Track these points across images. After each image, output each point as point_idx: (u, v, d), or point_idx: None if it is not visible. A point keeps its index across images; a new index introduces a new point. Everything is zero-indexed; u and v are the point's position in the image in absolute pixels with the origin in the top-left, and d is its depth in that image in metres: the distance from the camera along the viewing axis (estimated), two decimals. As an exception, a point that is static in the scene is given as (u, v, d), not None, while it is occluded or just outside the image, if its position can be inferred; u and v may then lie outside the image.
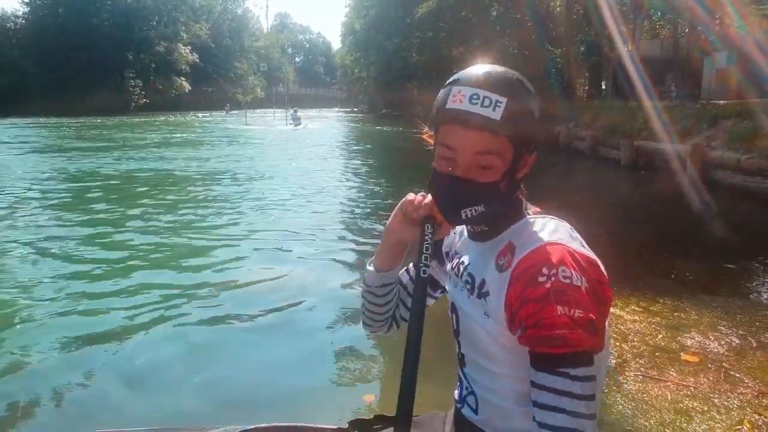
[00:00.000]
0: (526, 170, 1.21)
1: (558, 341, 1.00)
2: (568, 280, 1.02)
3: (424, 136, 1.29)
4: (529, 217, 1.20)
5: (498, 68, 1.16)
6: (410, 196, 1.38)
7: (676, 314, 4.33)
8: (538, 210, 1.23)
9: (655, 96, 17.07)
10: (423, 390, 3.66)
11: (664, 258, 6.20)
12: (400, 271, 1.52)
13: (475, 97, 1.10)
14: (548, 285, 1.02)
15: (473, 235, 1.28)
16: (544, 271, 1.03)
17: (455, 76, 1.17)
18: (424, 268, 1.26)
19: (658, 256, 6.25)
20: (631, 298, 4.67)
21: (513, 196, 1.22)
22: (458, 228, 1.39)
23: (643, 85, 17.33)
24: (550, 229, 1.14)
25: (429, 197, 1.43)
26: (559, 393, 1.01)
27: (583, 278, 1.03)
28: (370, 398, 3.46)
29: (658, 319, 4.22)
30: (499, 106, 1.09)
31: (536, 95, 1.18)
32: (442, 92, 1.17)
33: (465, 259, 1.30)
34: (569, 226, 1.17)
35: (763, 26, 18.27)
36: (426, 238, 1.31)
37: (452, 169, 1.15)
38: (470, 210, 1.16)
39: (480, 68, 1.15)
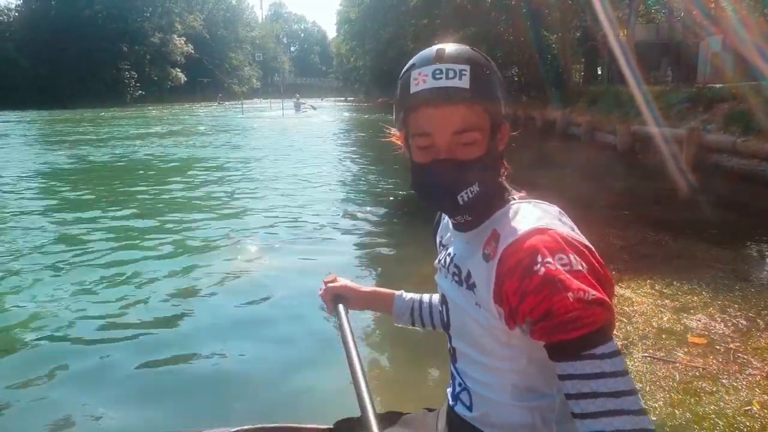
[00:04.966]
0: (505, 142, 1.16)
1: (575, 324, 0.93)
2: (567, 267, 0.95)
3: (393, 139, 1.25)
4: (513, 202, 1.13)
5: (449, 44, 1.11)
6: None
7: (687, 296, 4.30)
8: (523, 195, 1.17)
9: (651, 80, 17.01)
10: (415, 387, 3.61)
11: (676, 241, 6.10)
12: (411, 298, 1.60)
13: (437, 72, 1.05)
14: (544, 273, 0.95)
15: (458, 226, 1.22)
16: (539, 259, 0.96)
17: (409, 63, 1.12)
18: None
19: (670, 239, 6.15)
20: (646, 279, 4.64)
21: (499, 173, 1.18)
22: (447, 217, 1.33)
23: (639, 70, 17.23)
24: (537, 215, 1.06)
25: (332, 282, 1.55)
26: (591, 377, 0.93)
27: (582, 262, 0.97)
28: None
29: (668, 301, 4.19)
30: (465, 74, 1.05)
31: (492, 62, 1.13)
32: (400, 83, 1.11)
33: (452, 249, 1.25)
34: (558, 209, 1.11)
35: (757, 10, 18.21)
36: (341, 321, 1.39)
37: (434, 156, 1.09)
38: (466, 192, 1.09)
39: (431, 48, 1.10)
